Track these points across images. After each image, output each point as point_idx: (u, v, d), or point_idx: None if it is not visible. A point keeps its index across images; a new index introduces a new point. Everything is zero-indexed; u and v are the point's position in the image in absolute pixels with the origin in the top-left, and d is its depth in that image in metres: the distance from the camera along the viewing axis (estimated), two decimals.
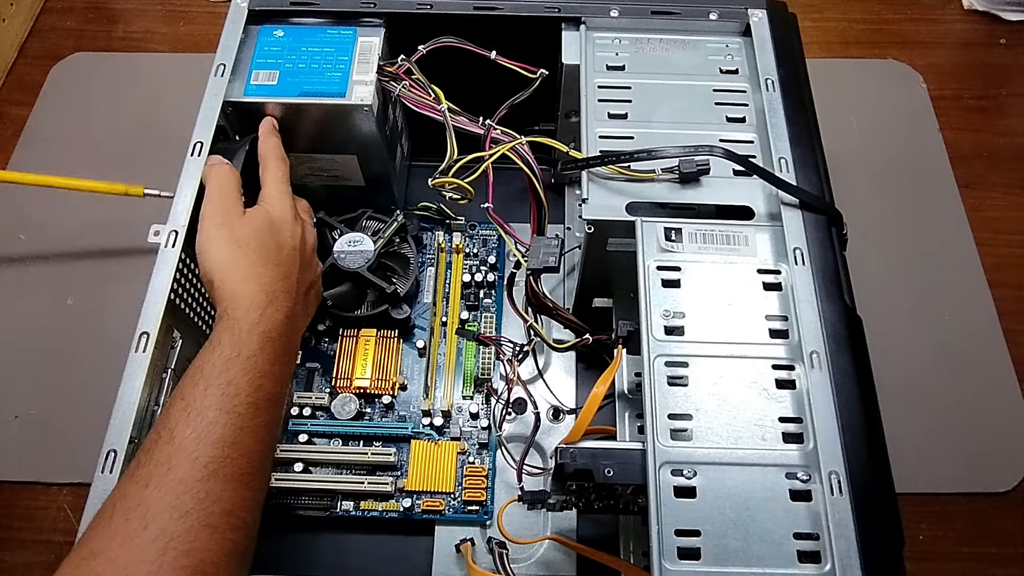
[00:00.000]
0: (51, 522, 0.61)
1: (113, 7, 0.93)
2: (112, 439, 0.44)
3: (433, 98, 0.57)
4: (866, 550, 0.39)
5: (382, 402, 0.61)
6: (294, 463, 0.57)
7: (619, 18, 0.59)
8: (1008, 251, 0.75)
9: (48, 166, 0.79)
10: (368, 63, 0.58)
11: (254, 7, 0.59)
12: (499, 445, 0.59)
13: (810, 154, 0.53)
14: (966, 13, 0.91)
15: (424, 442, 0.59)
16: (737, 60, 0.58)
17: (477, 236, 0.69)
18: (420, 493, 0.57)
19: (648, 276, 0.47)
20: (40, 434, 0.64)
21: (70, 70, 0.86)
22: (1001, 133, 0.83)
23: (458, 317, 0.65)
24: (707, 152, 0.50)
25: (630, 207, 0.50)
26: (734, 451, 0.42)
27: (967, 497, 0.63)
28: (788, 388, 0.44)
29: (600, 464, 0.42)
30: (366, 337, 0.62)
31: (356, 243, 0.62)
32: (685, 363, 0.44)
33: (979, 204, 0.77)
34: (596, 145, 0.53)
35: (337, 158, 0.63)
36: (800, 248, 0.48)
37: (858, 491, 0.40)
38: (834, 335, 0.45)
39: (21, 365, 0.68)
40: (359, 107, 0.57)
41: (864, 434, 0.42)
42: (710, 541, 0.39)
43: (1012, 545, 0.61)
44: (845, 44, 0.89)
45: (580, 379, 0.63)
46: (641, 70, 0.57)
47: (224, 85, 0.55)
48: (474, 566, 0.53)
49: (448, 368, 0.63)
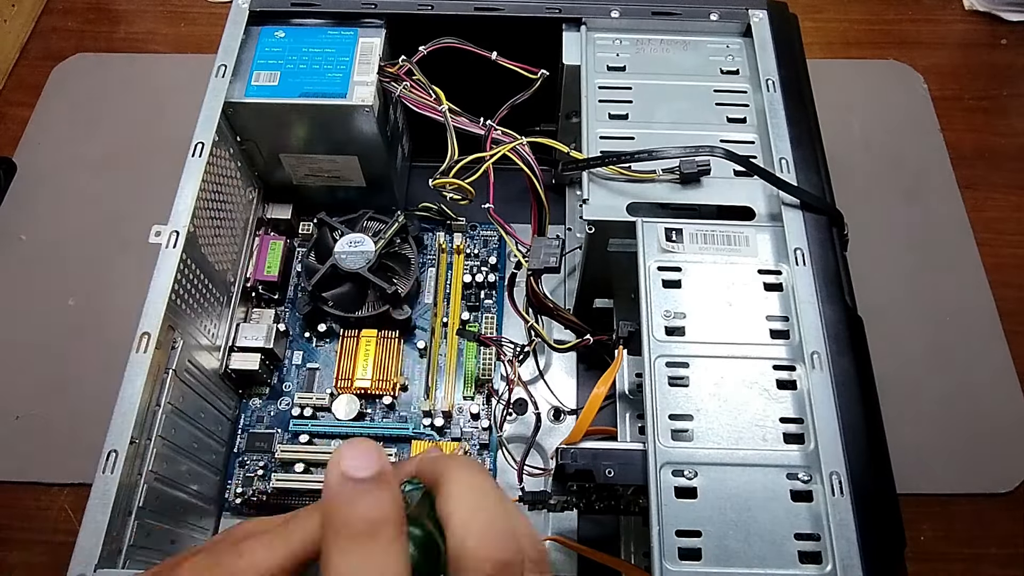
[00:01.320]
0: (52, 522, 0.62)
1: (114, 8, 0.93)
2: (113, 439, 0.44)
3: (434, 99, 0.57)
4: (867, 551, 0.39)
5: (383, 403, 0.61)
6: (295, 464, 0.57)
7: (620, 19, 0.59)
8: (1009, 251, 0.75)
9: (49, 167, 0.79)
10: (369, 64, 0.58)
11: (255, 8, 0.59)
12: (500, 446, 0.59)
13: (811, 154, 0.52)
14: (967, 13, 0.91)
15: (425, 443, 0.59)
16: (738, 61, 0.58)
17: (478, 237, 0.69)
18: None
19: (649, 276, 0.47)
20: (41, 434, 0.65)
21: (71, 71, 0.86)
22: (1002, 133, 0.82)
23: (459, 318, 0.65)
24: (708, 152, 0.50)
25: (631, 208, 0.50)
26: (735, 452, 0.42)
27: (968, 498, 0.63)
28: (789, 389, 0.44)
29: (601, 465, 0.42)
30: (367, 338, 0.62)
31: (357, 244, 0.62)
32: (686, 364, 0.44)
33: (980, 204, 0.77)
34: (597, 146, 0.53)
35: (338, 159, 0.63)
36: (801, 248, 0.48)
37: (859, 492, 0.40)
38: (835, 335, 0.45)
39: (22, 365, 0.68)
40: (360, 108, 0.57)
41: (865, 435, 0.42)
42: (711, 542, 0.39)
43: (1013, 546, 0.61)
44: (846, 45, 0.89)
45: (581, 380, 0.63)
46: (642, 71, 0.57)
47: (225, 86, 0.55)
48: None
49: (449, 369, 0.63)
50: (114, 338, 0.49)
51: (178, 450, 0.50)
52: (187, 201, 0.51)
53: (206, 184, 0.53)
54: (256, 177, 0.65)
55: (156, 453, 0.47)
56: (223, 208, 0.58)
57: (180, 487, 0.51)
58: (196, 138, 0.53)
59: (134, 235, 0.51)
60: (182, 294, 0.51)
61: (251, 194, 0.65)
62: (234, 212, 0.60)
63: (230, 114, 0.57)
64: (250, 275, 0.64)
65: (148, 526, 0.46)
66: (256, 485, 0.58)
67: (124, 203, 0.76)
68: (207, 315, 0.56)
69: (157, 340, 0.46)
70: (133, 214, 0.68)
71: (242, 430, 0.61)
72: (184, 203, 0.51)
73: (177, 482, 0.51)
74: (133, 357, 0.46)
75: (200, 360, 0.54)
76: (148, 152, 0.78)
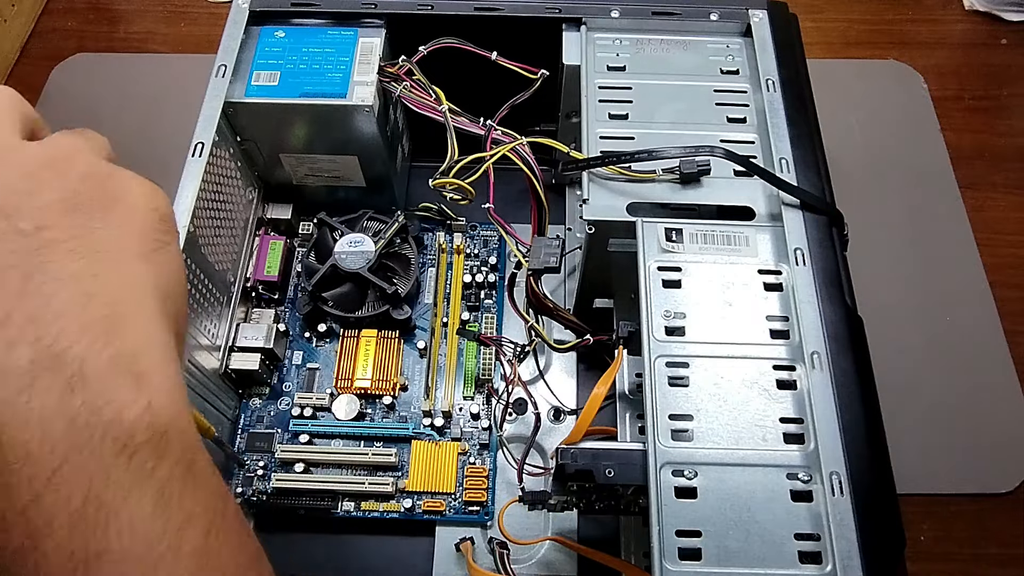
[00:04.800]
0: None
1: (114, 8, 0.93)
2: None
3: (434, 99, 0.57)
4: (867, 551, 0.39)
5: (383, 403, 0.61)
6: (295, 464, 0.57)
7: (620, 19, 0.59)
8: (1009, 251, 0.75)
9: None
10: (369, 64, 0.58)
11: (255, 8, 0.59)
12: (500, 446, 0.59)
13: (811, 154, 0.52)
14: (967, 13, 0.91)
15: (425, 443, 0.59)
16: (738, 61, 0.58)
17: (478, 237, 0.69)
18: (421, 494, 0.57)
19: (649, 276, 0.47)
20: None
21: (71, 71, 0.86)
22: (1002, 134, 0.82)
23: (459, 318, 0.65)
24: (708, 152, 0.50)
25: (631, 207, 0.50)
26: (735, 452, 0.42)
27: (968, 498, 0.63)
28: (789, 389, 0.44)
29: (601, 465, 0.42)
30: (367, 338, 0.62)
31: (357, 244, 0.62)
32: (686, 364, 0.44)
33: (980, 204, 0.77)
34: (597, 146, 0.53)
35: (338, 159, 0.63)
36: (801, 248, 0.48)
37: (859, 492, 0.40)
38: (835, 336, 0.45)
39: None
40: (360, 108, 0.57)
41: (865, 435, 0.42)
42: (711, 542, 0.39)
43: (1013, 546, 0.61)
44: (846, 44, 0.89)
45: (581, 380, 0.63)
46: (642, 71, 0.57)
47: (225, 86, 0.56)
48: (475, 566, 0.53)
49: (449, 369, 0.63)
50: None
51: None
52: (187, 201, 0.51)
53: (206, 184, 0.53)
54: (256, 177, 0.65)
55: None
56: (223, 208, 0.58)
57: None
58: (196, 138, 0.53)
59: None
60: None
61: (251, 194, 0.65)
62: (234, 212, 0.60)
63: (230, 114, 0.57)
64: (250, 275, 0.64)
65: None
66: (256, 485, 0.58)
67: None
68: (207, 315, 0.56)
69: None
70: None
71: (242, 430, 0.61)
72: (184, 203, 0.51)
73: None
74: None
75: (200, 360, 0.54)
76: (148, 152, 0.78)
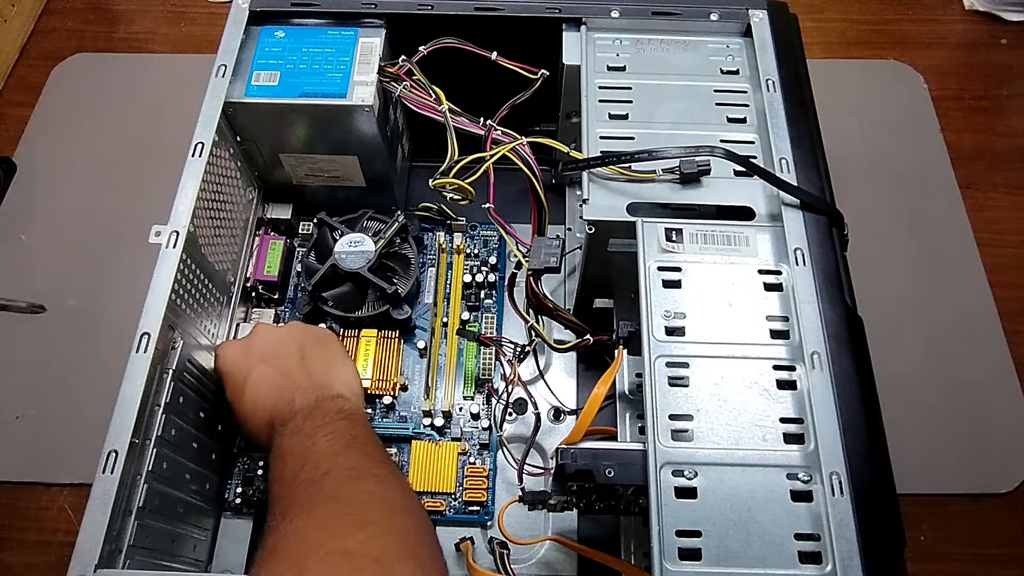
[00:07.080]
0: (52, 523, 0.62)
1: (114, 8, 0.93)
2: (113, 439, 0.43)
3: (434, 99, 0.57)
4: (867, 551, 0.39)
5: (383, 403, 0.60)
6: None
7: (620, 19, 0.59)
8: (1009, 251, 0.75)
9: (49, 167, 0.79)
10: (369, 64, 0.58)
11: (255, 8, 0.59)
12: (500, 445, 0.59)
13: (811, 154, 0.52)
14: (967, 13, 0.91)
15: (425, 443, 0.59)
16: (738, 61, 0.58)
17: (478, 237, 0.69)
18: (421, 493, 0.57)
19: (649, 277, 0.47)
20: (41, 434, 0.64)
21: (71, 71, 0.86)
22: (1002, 133, 0.82)
23: (459, 318, 0.65)
24: (708, 152, 0.50)
25: (631, 208, 0.50)
26: (735, 452, 0.41)
27: (968, 498, 0.63)
28: (789, 389, 0.44)
29: (601, 465, 0.42)
30: (367, 338, 0.62)
31: (357, 244, 0.62)
32: (686, 364, 0.44)
33: (980, 204, 0.77)
34: (597, 146, 0.53)
35: (338, 159, 0.63)
36: (801, 248, 0.48)
37: (859, 492, 0.40)
38: (835, 336, 0.45)
39: (22, 365, 0.68)
40: (360, 108, 0.57)
41: (865, 434, 0.42)
42: (711, 542, 0.39)
43: (1013, 546, 0.61)
44: (846, 44, 0.89)
45: (581, 380, 0.63)
46: (642, 71, 0.57)
47: (225, 86, 0.56)
48: (475, 565, 0.53)
49: (449, 369, 0.63)
50: (114, 338, 0.49)
51: (178, 450, 0.50)
52: (187, 201, 0.51)
53: (206, 184, 0.53)
54: (256, 177, 0.65)
55: (156, 453, 0.47)
56: (223, 208, 0.58)
57: (180, 487, 0.51)
58: (196, 138, 0.53)
59: (134, 235, 0.51)
60: (182, 294, 0.51)
61: (251, 194, 0.65)
62: (234, 212, 0.60)
63: (230, 114, 0.57)
64: (250, 275, 0.64)
65: (148, 526, 0.46)
66: (256, 485, 0.58)
67: (124, 203, 0.76)
68: (207, 315, 0.56)
69: (157, 340, 0.46)
70: (133, 214, 0.68)
71: None
72: (184, 203, 0.51)
73: (177, 482, 0.51)
74: (133, 357, 0.46)
75: (200, 360, 0.54)
76: (148, 152, 0.78)
